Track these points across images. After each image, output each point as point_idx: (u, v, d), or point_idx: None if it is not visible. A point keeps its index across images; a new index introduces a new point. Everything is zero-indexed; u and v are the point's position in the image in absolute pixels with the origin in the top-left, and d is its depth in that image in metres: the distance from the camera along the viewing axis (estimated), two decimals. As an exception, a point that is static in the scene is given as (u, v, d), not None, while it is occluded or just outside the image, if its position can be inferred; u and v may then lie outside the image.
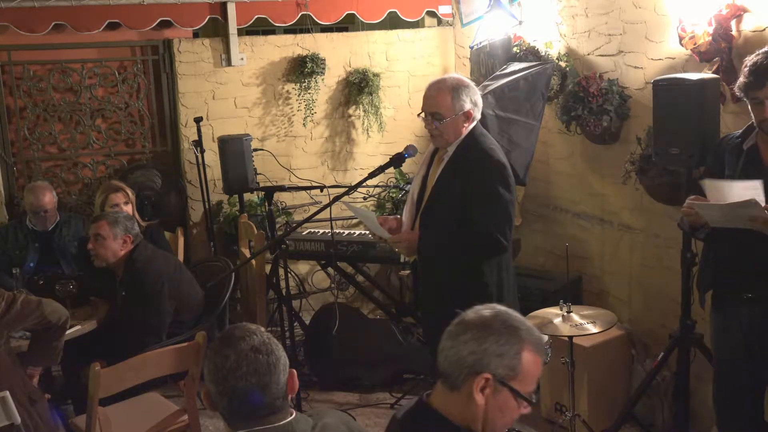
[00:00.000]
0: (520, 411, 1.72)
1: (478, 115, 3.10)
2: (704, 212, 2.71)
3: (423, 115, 3.11)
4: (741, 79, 2.66)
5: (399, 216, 3.31)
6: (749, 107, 2.68)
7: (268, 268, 4.73)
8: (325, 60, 5.26)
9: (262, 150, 5.20)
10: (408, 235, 3.15)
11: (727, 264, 2.82)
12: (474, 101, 3.06)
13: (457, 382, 1.69)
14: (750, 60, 2.65)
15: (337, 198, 3.41)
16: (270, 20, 5.18)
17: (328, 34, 5.42)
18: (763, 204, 2.53)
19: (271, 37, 5.32)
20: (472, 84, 3.13)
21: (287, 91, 5.34)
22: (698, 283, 3.02)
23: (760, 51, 2.64)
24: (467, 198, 3.00)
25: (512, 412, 1.72)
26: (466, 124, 3.06)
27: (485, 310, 1.75)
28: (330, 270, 5.16)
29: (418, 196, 3.20)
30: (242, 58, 5.19)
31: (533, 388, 1.73)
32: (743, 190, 2.60)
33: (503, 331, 1.69)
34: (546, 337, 3.34)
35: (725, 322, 2.89)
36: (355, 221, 5.51)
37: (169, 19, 4.96)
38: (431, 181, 3.14)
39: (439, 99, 3.04)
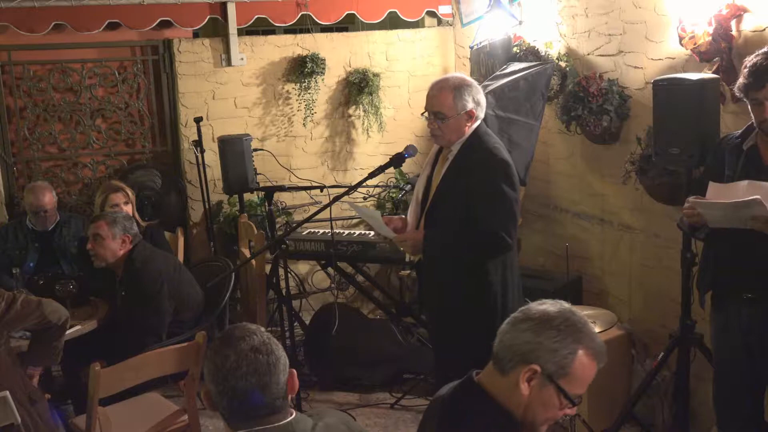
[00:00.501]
0: (564, 411, 1.72)
1: (481, 115, 3.09)
2: (706, 212, 2.70)
3: (426, 114, 3.11)
4: (740, 80, 2.66)
5: (404, 216, 3.31)
6: (749, 108, 2.68)
7: (268, 268, 4.73)
8: (325, 60, 5.26)
9: (262, 150, 5.20)
10: (413, 235, 3.15)
11: (728, 264, 2.82)
12: (477, 100, 3.05)
13: (506, 367, 1.71)
14: (749, 61, 2.64)
15: (337, 198, 3.41)
16: (270, 20, 5.18)
17: (328, 34, 5.42)
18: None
19: (271, 37, 5.32)
20: (475, 83, 3.11)
21: (287, 91, 5.34)
22: (698, 283, 3.02)
23: (760, 51, 2.64)
24: (471, 197, 2.99)
25: (555, 410, 1.72)
26: (468, 124, 3.05)
27: (552, 305, 1.76)
28: (330, 270, 5.15)
29: (423, 195, 3.20)
30: (242, 58, 5.19)
31: (582, 392, 1.73)
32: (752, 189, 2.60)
33: (563, 328, 1.69)
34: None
35: (725, 322, 2.89)
36: (355, 221, 5.51)
37: (169, 19, 4.96)
38: (436, 180, 3.14)
39: (442, 98, 3.04)
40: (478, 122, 3.08)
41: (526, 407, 1.71)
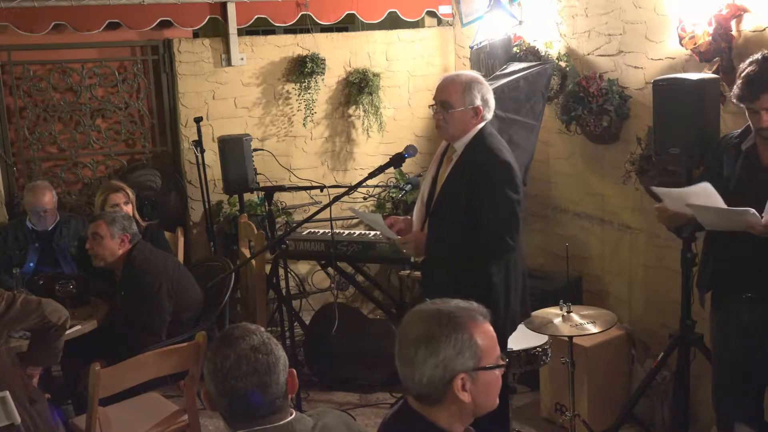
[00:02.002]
0: (500, 375, 1.77)
1: (488, 115, 3.08)
2: (701, 216, 2.71)
3: (434, 105, 3.11)
4: (735, 90, 2.66)
5: (409, 217, 3.31)
6: (746, 114, 2.68)
7: (268, 268, 4.73)
8: (325, 60, 5.26)
9: (262, 150, 5.19)
10: (415, 236, 3.15)
11: (727, 264, 2.82)
12: (485, 99, 3.05)
13: (437, 398, 1.71)
14: (743, 70, 2.63)
15: (337, 198, 3.41)
16: (270, 20, 5.18)
17: (328, 34, 5.42)
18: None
19: (271, 37, 5.32)
20: (487, 83, 3.12)
21: (287, 91, 5.34)
22: (698, 283, 3.02)
23: (753, 59, 2.63)
24: (474, 198, 3.00)
25: (495, 383, 1.76)
26: (474, 121, 3.05)
27: (418, 319, 1.75)
28: (330, 270, 5.16)
29: (428, 195, 3.20)
30: (242, 58, 5.19)
31: (499, 352, 1.77)
32: (694, 196, 2.63)
33: (446, 331, 1.70)
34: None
35: (725, 321, 2.89)
36: (355, 221, 5.51)
37: (169, 19, 4.96)
38: (440, 180, 3.13)
39: (452, 89, 3.04)
40: (484, 123, 3.07)
41: (474, 407, 1.73)
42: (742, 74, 2.63)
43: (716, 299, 2.94)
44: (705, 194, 2.61)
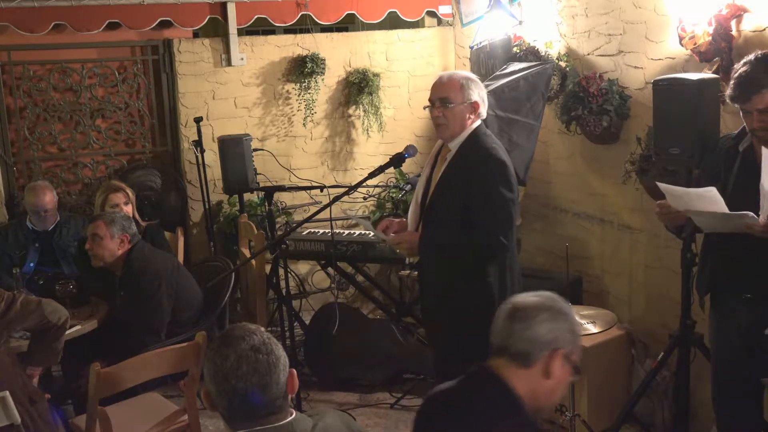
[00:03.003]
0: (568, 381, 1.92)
1: (483, 113, 3.10)
2: (698, 220, 2.71)
3: (431, 104, 3.11)
4: (728, 90, 2.66)
5: (404, 219, 3.32)
6: (740, 114, 2.69)
7: (268, 268, 4.73)
8: (325, 60, 5.26)
9: (262, 150, 5.20)
10: (409, 236, 3.15)
11: (726, 265, 2.82)
12: (481, 96, 3.08)
13: (530, 360, 1.83)
14: (736, 71, 2.63)
15: (337, 198, 3.41)
16: (270, 20, 5.19)
17: (328, 34, 5.42)
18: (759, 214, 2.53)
19: (271, 37, 5.32)
20: (480, 82, 3.15)
21: (287, 91, 5.34)
22: (697, 285, 3.01)
23: (746, 60, 2.63)
24: (468, 198, 3.00)
25: (565, 385, 1.89)
26: (471, 117, 3.06)
27: (530, 297, 1.92)
28: (330, 270, 5.16)
29: (423, 196, 3.20)
30: (242, 58, 5.19)
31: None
32: (698, 198, 2.62)
33: (567, 311, 1.88)
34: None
35: (724, 322, 2.89)
36: (355, 221, 5.51)
37: (169, 19, 4.96)
38: (434, 180, 3.14)
39: (450, 85, 3.06)
40: (479, 121, 3.09)
41: (551, 392, 1.84)
42: (735, 75, 2.62)
43: (715, 300, 2.94)
44: (709, 198, 2.59)
